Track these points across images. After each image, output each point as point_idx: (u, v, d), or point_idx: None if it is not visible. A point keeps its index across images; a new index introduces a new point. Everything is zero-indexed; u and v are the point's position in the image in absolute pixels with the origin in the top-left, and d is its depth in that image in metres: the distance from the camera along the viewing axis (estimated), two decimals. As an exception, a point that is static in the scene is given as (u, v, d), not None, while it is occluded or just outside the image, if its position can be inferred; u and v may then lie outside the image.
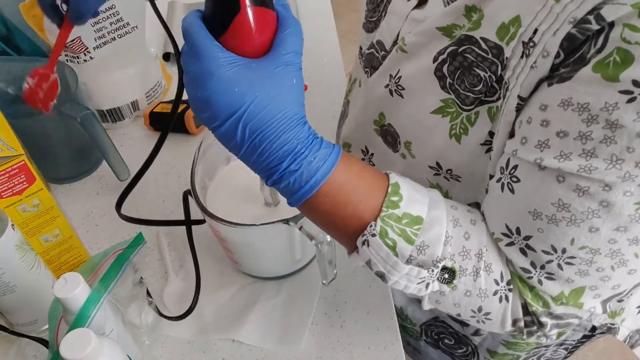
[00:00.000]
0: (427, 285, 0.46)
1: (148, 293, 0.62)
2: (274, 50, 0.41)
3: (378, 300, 0.66)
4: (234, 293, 0.67)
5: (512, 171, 0.45)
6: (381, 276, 0.46)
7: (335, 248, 0.57)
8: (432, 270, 0.45)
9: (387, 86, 0.56)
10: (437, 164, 0.55)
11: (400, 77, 0.54)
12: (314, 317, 0.64)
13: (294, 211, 0.56)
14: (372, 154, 0.66)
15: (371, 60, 0.60)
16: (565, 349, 0.71)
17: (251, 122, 0.40)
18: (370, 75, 0.60)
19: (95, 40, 0.79)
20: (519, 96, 0.44)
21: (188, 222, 0.66)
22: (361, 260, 0.47)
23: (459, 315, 0.50)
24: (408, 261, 0.45)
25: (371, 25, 0.61)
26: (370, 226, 0.44)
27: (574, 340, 0.69)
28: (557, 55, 0.40)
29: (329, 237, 0.55)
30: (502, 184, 0.46)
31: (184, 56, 0.41)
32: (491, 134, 0.49)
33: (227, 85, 0.39)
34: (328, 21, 1.10)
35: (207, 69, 0.39)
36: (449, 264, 0.46)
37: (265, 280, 0.68)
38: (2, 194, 0.57)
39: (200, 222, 0.68)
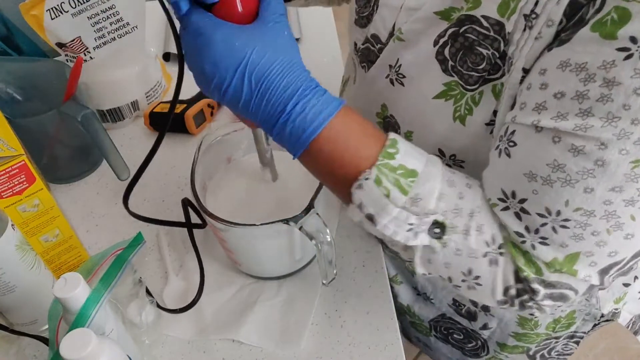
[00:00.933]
0: (416, 234, 0.46)
1: (148, 292, 0.62)
2: (261, 15, 0.45)
3: (378, 300, 0.66)
4: (234, 293, 0.67)
5: (509, 136, 0.45)
6: (370, 219, 0.47)
7: (335, 248, 0.57)
8: (421, 219, 0.46)
9: (387, 76, 0.57)
10: (440, 150, 0.55)
11: (400, 65, 0.55)
12: (314, 317, 0.64)
13: (294, 211, 0.56)
14: None
15: (367, 55, 0.61)
16: (576, 342, 0.70)
17: (255, 71, 0.43)
18: (368, 70, 0.61)
19: (95, 40, 0.80)
20: (523, 69, 0.44)
21: (189, 226, 0.67)
22: (354, 209, 0.47)
23: (450, 279, 0.50)
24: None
25: (364, 20, 0.62)
26: (365, 172, 0.45)
27: (584, 332, 0.69)
28: (560, 22, 0.41)
29: (329, 237, 0.55)
30: (500, 150, 0.47)
31: (183, 37, 0.45)
32: (496, 113, 0.49)
33: (228, 42, 0.43)
34: (328, 21, 1.10)
35: (207, 35, 0.43)
36: (440, 219, 0.46)
37: (265, 280, 0.68)
38: (2, 194, 0.57)
39: (201, 225, 0.69)
